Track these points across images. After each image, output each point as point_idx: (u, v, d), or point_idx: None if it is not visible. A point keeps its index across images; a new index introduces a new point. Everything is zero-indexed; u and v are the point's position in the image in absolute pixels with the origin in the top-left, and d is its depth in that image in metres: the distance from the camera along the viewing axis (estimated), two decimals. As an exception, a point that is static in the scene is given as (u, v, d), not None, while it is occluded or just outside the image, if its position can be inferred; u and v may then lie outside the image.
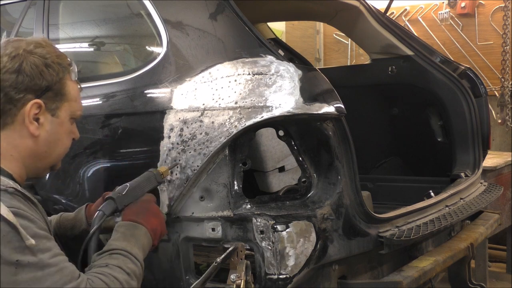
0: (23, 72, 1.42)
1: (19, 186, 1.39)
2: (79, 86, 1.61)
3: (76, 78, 1.58)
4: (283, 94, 1.85)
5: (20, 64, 1.42)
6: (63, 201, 2.18)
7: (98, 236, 1.64)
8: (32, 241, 1.27)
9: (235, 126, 1.84)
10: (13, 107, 1.43)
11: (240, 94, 1.87)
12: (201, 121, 1.89)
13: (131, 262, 1.49)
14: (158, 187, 1.88)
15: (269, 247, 1.84)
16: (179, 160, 1.90)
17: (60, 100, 1.50)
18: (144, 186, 1.76)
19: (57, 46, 2.55)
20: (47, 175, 1.66)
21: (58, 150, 1.54)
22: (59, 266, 1.32)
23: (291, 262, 1.84)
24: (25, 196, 1.37)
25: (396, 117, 3.47)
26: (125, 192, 1.70)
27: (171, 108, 1.96)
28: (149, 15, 2.20)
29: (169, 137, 1.93)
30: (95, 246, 1.60)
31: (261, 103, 1.85)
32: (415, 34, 4.82)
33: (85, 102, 2.24)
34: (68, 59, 1.56)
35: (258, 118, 1.83)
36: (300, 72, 1.89)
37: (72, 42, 2.73)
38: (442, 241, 2.60)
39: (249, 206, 1.88)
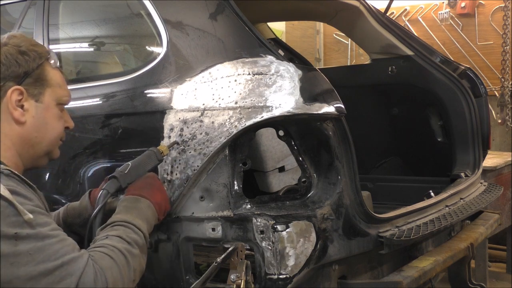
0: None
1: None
2: (62, 74, 1.63)
3: (58, 65, 1.60)
4: (283, 94, 1.85)
5: None
6: (63, 201, 2.18)
7: (102, 215, 1.66)
8: (30, 215, 1.30)
9: (235, 126, 1.84)
10: None
11: (240, 94, 1.87)
12: (201, 121, 1.89)
13: (132, 232, 1.52)
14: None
15: (269, 247, 1.84)
16: (179, 160, 1.90)
17: (41, 86, 1.53)
18: (145, 164, 1.80)
19: (57, 46, 2.59)
20: (47, 166, 1.67)
21: (48, 134, 1.56)
22: (60, 237, 1.34)
23: (291, 262, 1.84)
24: (22, 179, 1.40)
25: (396, 117, 3.47)
26: (127, 170, 1.75)
27: (171, 108, 1.96)
28: (149, 15, 2.20)
29: (169, 137, 1.93)
30: (99, 225, 1.61)
31: (261, 103, 1.85)
32: (415, 34, 4.81)
33: (85, 102, 2.25)
34: (43, 46, 1.60)
35: (258, 118, 1.83)
36: (300, 72, 1.89)
37: (72, 42, 2.73)
38: (442, 241, 2.60)
39: (249, 206, 1.88)
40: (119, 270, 1.40)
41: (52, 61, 1.58)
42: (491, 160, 4.01)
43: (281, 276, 1.83)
